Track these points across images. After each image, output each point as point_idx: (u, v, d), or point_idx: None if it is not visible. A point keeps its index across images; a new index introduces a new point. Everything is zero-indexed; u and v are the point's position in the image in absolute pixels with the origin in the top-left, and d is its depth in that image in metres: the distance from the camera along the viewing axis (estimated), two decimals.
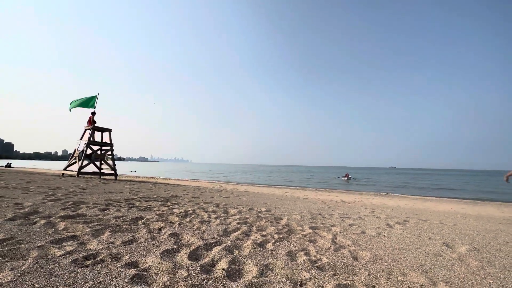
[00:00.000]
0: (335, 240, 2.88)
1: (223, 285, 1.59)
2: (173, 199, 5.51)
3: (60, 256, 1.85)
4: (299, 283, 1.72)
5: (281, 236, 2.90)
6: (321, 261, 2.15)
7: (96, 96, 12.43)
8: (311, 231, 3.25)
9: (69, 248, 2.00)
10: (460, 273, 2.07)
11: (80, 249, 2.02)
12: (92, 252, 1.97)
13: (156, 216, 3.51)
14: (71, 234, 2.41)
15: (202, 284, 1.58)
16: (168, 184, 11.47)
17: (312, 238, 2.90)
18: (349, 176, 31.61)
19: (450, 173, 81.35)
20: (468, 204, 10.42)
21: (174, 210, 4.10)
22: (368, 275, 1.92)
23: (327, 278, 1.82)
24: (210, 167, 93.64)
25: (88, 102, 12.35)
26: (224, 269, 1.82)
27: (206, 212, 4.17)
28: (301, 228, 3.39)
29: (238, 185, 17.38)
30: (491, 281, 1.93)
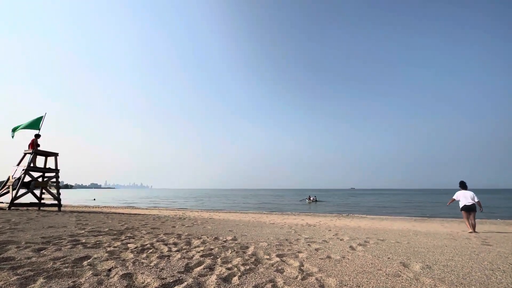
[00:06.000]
0: (302, 267, 2.84)
1: None
2: (128, 232, 4.96)
3: None
4: None
5: (248, 267, 2.76)
6: None
7: (42, 117, 11.17)
8: (278, 259, 3.16)
9: None
10: None
11: None
12: None
13: (106, 254, 3.08)
14: None
15: None
16: (123, 214, 10.38)
17: (280, 267, 2.81)
18: (312, 199, 32.61)
19: (402, 192, 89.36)
20: (418, 221, 11.41)
21: (129, 245, 3.67)
22: None
23: None
24: (172, 193, 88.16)
25: (33, 124, 11.00)
26: None
27: (166, 245, 3.81)
28: (268, 257, 3.28)
29: (203, 211, 16.55)
30: None
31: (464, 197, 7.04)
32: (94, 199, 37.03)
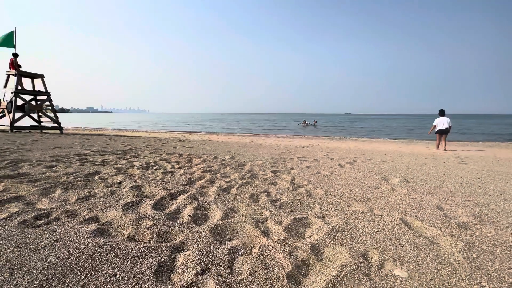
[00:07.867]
0: (293, 181, 3.17)
1: (189, 229, 1.68)
2: (132, 152, 5.25)
3: (3, 219, 1.70)
4: (260, 220, 1.90)
5: (245, 181, 3.07)
6: (280, 200, 2.38)
7: (13, 32, 9.93)
8: (272, 174, 3.50)
9: (13, 210, 1.84)
10: (391, 200, 2.51)
11: (27, 209, 1.87)
12: (44, 211, 1.84)
13: (114, 170, 3.35)
14: (14, 195, 2.18)
15: (168, 231, 1.64)
16: (125, 136, 10.75)
17: (273, 181, 3.14)
18: (307, 123, 33.59)
19: (398, 117, 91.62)
20: (404, 143, 12.12)
21: (134, 163, 3.95)
22: (320, 208, 2.21)
23: (285, 214, 2.04)
24: (171, 117, 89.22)
25: (5, 41, 9.86)
26: (189, 215, 1.90)
27: (169, 163, 4.12)
28: (263, 173, 3.61)
29: (202, 134, 17.18)
30: (412, 204, 2.40)
31: (441, 123, 8.20)
32: (97, 123, 37.38)
